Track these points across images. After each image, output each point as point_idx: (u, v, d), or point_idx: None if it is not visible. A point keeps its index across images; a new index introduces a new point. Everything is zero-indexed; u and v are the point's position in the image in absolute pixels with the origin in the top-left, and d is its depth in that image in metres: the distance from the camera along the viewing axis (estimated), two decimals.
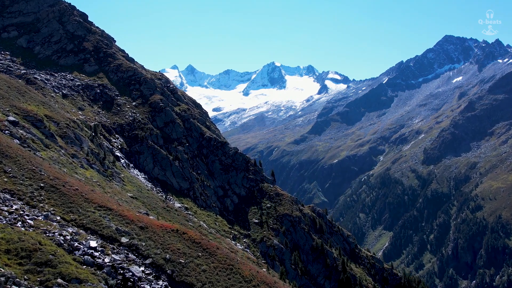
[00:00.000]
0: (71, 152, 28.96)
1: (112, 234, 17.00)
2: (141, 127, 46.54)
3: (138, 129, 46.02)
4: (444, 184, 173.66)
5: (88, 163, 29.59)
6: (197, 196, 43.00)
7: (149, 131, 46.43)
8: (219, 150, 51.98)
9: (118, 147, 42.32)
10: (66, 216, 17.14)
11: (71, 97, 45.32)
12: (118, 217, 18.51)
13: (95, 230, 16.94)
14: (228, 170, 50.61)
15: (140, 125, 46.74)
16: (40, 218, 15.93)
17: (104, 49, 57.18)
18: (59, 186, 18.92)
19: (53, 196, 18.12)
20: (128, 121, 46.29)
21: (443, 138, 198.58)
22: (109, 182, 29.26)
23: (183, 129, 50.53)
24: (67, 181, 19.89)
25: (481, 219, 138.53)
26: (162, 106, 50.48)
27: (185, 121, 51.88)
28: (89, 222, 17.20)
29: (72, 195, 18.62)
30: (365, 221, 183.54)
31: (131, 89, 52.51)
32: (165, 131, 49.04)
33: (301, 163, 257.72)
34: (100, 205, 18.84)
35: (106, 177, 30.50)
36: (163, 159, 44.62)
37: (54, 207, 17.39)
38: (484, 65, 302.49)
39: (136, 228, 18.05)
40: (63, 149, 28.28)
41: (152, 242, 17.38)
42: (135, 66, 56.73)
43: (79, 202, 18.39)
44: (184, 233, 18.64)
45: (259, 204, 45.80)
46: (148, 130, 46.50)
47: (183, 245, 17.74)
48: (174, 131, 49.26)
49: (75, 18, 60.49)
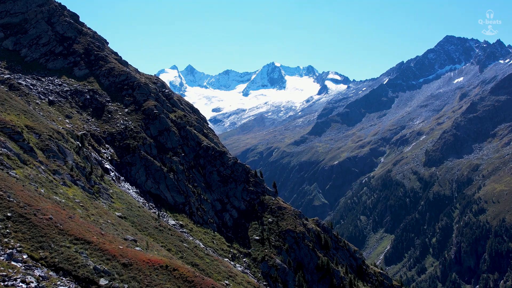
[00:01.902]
0: (53, 167, 26.33)
1: (89, 275, 14.37)
2: (134, 136, 43.49)
3: (130, 138, 43.04)
4: (446, 187, 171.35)
5: (72, 179, 26.94)
6: (193, 211, 40.18)
7: (142, 141, 43.52)
8: (217, 160, 48.72)
9: (108, 159, 39.56)
10: (35, 254, 14.56)
11: (58, 104, 42.39)
12: (97, 252, 15.93)
13: (68, 271, 14.35)
14: (226, 182, 47.48)
15: (132, 134, 43.65)
16: (2, 258, 13.38)
17: (95, 51, 54.00)
18: (29, 215, 16.31)
19: (21, 228, 15.52)
20: (119, 129, 43.19)
21: (445, 140, 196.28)
22: (95, 201, 26.60)
23: (179, 137, 47.29)
24: (40, 208, 17.28)
25: (484, 223, 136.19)
26: (157, 113, 47.32)
27: (181, 129, 48.64)
28: (62, 261, 14.61)
29: (44, 227, 16.05)
30: (366, 223, 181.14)
31: (124, 95, 49.34)
32: (159, 140, 45.93)
33: (301, 164, 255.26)
34: (77, 238, 16.28)
35: (92, 195, 27.90)
36: (156, 171, 41.70)
37: (21, 242, 14.84)
38: (486, 66, 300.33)
39: (118, 266, 15.48)
40: (43, 164, 25.69)
41: (136, 284, 14.80)
42: (128, 70, 53.59)
43: (52, 235, 15.81)
44: (175, 270, 16.13)
45: (260, 218, 42.94)
46: (140, 140, 43.54)
47: (173, 285, 15.21)
48: (169, 140, 46.10)
49: (65, 18, 57.46)
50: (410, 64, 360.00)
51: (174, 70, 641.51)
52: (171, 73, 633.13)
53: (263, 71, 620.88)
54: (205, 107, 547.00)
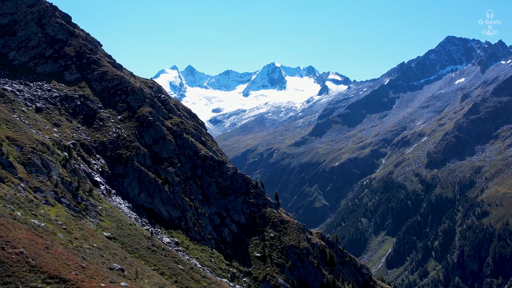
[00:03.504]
0: (35, 184, 24.17)
1: None
2: (126, 145, 40.74)
3: (123, 148, 40.28)
4: (449, 189, 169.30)
5: (56, 196, 24.74)
6: (190, 227, 37.45)
7: (135, 150, 40.78)
8: (215, 170, 45.95)
9: (99, 170, 37.01)
10: None
11: (46, 111, 39.63)
12: None
13: None
14: (226, 194, 44.65)
15: (125, 143, 40.93)
16: None
17: (87, 54, 50.99)
18: None
19: None
20: (111, 138, 40.48)
21: (447, 142, 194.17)
22: (81, 220, 24.41)
23: (175, 146, 44.51)
24: (10, 239, 15.18)
25: (487, 226, 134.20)
26: (151, 120, 44.48)
27: (177, 137, 45.70)
28: None
29: (13, 263, 13.97)
30: (367, 226, 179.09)
31: (117, 101, 46.43)
32: (154, 149, 43.21)
33: (302, 165, 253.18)
34: (51, 275, 14.18)
35: (78, 213, 25.67)
36: (150, 184, 38.97)
37: None
38: (487, 67, 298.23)
39: None
40: (23, 181, 23.54)
41: None
42: (122, 74, 50.41)
43: (21, 273, 13.73)
44: None
45: (262, 233, 40.37)
46: (134, 149, 40.83)
47: None
48: (165, 149, 43.34)
49: (56, 20, 54.43)
50: (411, 64, 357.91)
51: (174, 71, 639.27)
52: (171, 73, 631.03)
53: (263, 71, 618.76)
54: (205, 108, 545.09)
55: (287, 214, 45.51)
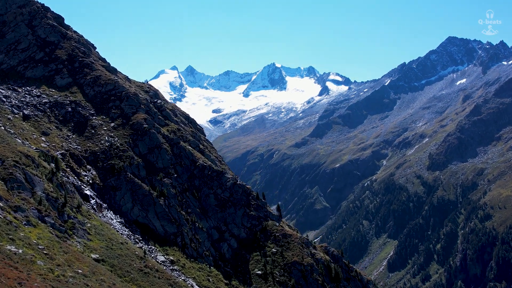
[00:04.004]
0: (15, 202, 22.19)
1: None
2: (119, 155, 38.37)
3: (115, 158, 37.97)
4: (451, 191, 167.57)
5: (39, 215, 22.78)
6: (186, 243, 35.21)
7: (128, 160, 38.46)
8: (214, 181, 43.37)
9: (89, 183, 34.93)
10: None
11: (35, 118, 37.27)
12: None
13: None
14: (225, 206, 42.08)
15: (118, 153, 38.56)
16: None
17: (80, 58, 48.23)
18: None
19: None
20: (103, 147, 38.07)
21: (449, 143, 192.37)
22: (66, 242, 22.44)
23: (171, 156, 42.02)
24: None
25: (490, 229, 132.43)
26: (146, 127, 41.95)
27: (173, 145, 43.19)
28: None
29: None
30: (368, 228, 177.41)
31: (110, 107, 43.89)
32: (149, 159, 40.75)
33: (302, 167, 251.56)
34: None
35: (63, 233, 23.68)
36: (144, 197, 36.58)
37: None
38: (489, 67, 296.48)
39: None
40: (3, 200, 21.53)
41: None
42: (117, 78, 47.98)
43: None
44: None
45: (263, 248, 38.21)
46: (127, 159, 38.51)
47: None
48: (160, 159, 40.88)
49: (48, 21, 51.65)
50: (412, 65, 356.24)
51: (174, 71, 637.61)
52: (171, 73, 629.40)
53: (264, 72, 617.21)
54: (205, 108, 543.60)
55: (289, 227, 43.37)
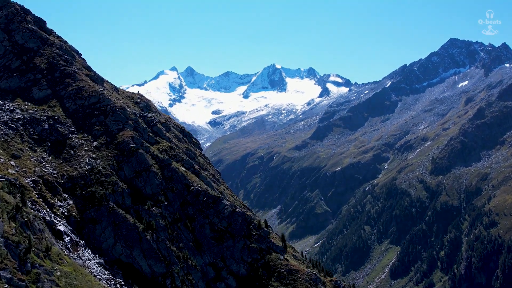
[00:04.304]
0: None
1: None
2: (101, 180, 33.35)
3: (96, 184, 33.02)
4: (454, 197, 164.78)
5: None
6: (177, 286, 30.82)
7: (111, 187, 33.42)
8: (210, 208, 38.06)
9: (64, 215, 30.25)
10: None
11: (5, 138, 32.73)
12: None
13: None
14: (222, 238, 36.92)
15: (100, 178, 33.57)
16: None
17: (61, 66, 43.08)
18: None
19: None
20: (83, 172, 33.06)
21: (452, 147, 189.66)
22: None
23: (161, 180, 36.72)
24: None
25: (496, 237, 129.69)
26: (133, 147, 36.61)
27: (164, 167, 37.79)
28: None
29: None
30: (370, 234, 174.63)
31: (93, 123, 38.67)
32: (135, 184, 35.38)
33: (303, 170, 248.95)
34: None
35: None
36: (129, 231, 31.60)
37: None
38: (491, 70, 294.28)
39: None
40: None
41: None
42: (102, 89, 42.41)
43: None
44: None
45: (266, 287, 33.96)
46: (110, 186, 33.49)
47: None
48: (149, 184, 35.50)
49: (27, 25, 46.71)
50: (413, 67, 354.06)
51: (173, 72, 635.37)
52: (170, 74, 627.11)
53: (264, 73, 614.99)
54: (205, 109, 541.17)
55: (295, 258, 38.97)
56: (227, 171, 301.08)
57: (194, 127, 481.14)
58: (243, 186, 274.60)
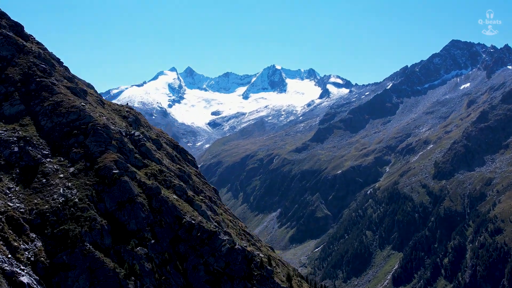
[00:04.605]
0: None
1: None
2: (77, 216, 27.80)
3: (71, 221, 27.44)
4: (458, 202, 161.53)
5: None
6: None
7: (88, 224, 27.77)
8: (205, 246, 32.65)
9: (30, 260, 25.27)
10: None
11: None
12: None
13: None
14: (219, 282, 31.40)
15: (75, 212, 28.02)
16: None
17: (38, 77, 36.97)
18: None
19: None
20: (55, 205, 27.47)
21: (455, 151, 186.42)
22: None
23: (149, 212, 31.03)
24: None
25: (501, 244, 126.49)
26: (116, 174, 31.05)
27: (152, 197, 31.98)
28: None
29: None
30: (372, 239, 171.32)
31: (71, 144, 32.79)
32: (118, 218, 29.61)
33: (303, 173, 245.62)
34: None
35: None
36: (107, 278, 26.46)
37: None
38: (493, 72, 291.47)
39: None
40: None
41: None
42: (83, 104, 36.17)
43: None
44: None
45: None
46: (87, 222, 27.89)
47: None
48: (133, 218, 29.78)
49: (1, 30, 41.32)
50: (414, 68, 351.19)
51: (173, 72, 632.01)
52: (170, 75, 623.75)
53: (264, 73, 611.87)
54: (204, 110, 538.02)
55: None
56: (227, 173, 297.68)
57: (194, 128, 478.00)
58: (242, 189, 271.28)
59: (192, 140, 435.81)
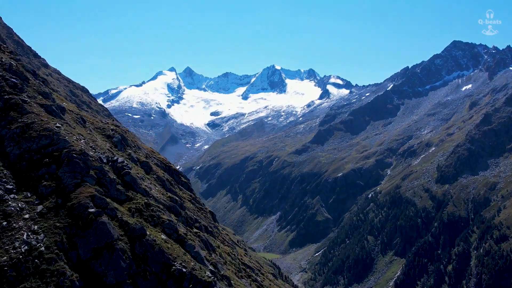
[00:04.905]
0: None
1: None
2: (42, 269, 21.73)
3: (33, 277, 21.30)
4: (462, 207, 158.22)
5: None
6: None
7: (55, 280, 21.54)
8: None
9: None
10: None
11: None
12: None
13: None
14: None
15: (41, 265, 21.89)
16: None
17: (6, 94, 29.44)
18: None
19: None
20: (17, 256, 21.51)
21: (458, 154, 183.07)
22: None
23: (131, 261, 24.34)
24: None
25: (508, 252, 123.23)
26: (93, 214, 24.77)
27: (136, 240, 25.37)
28: None
29: None
30: (373, 245, 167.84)
31: (41, 176, 26.42)
32: (94, 269, 23.24)
33: (303, 175, 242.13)
34: None
35: None
36: None
37: None
38: (495, 73, 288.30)
39: None
40: None
41: None
42: (57, 126, 29.15)
43: None
44: None
45: None
46: (54, 277, 21.67)
47: None
48: (112, 268, 23.50)
49: None
50: (416, 69, 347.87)
51: (172, 72, 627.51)
52: (169, 75, 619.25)
53: (263, 74, 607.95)
54: (204, 111, 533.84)
55: None
56: (226, 175, 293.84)
57: (193, 129, 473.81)
58: (241, 191, 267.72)
59: (191, 141, 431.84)
